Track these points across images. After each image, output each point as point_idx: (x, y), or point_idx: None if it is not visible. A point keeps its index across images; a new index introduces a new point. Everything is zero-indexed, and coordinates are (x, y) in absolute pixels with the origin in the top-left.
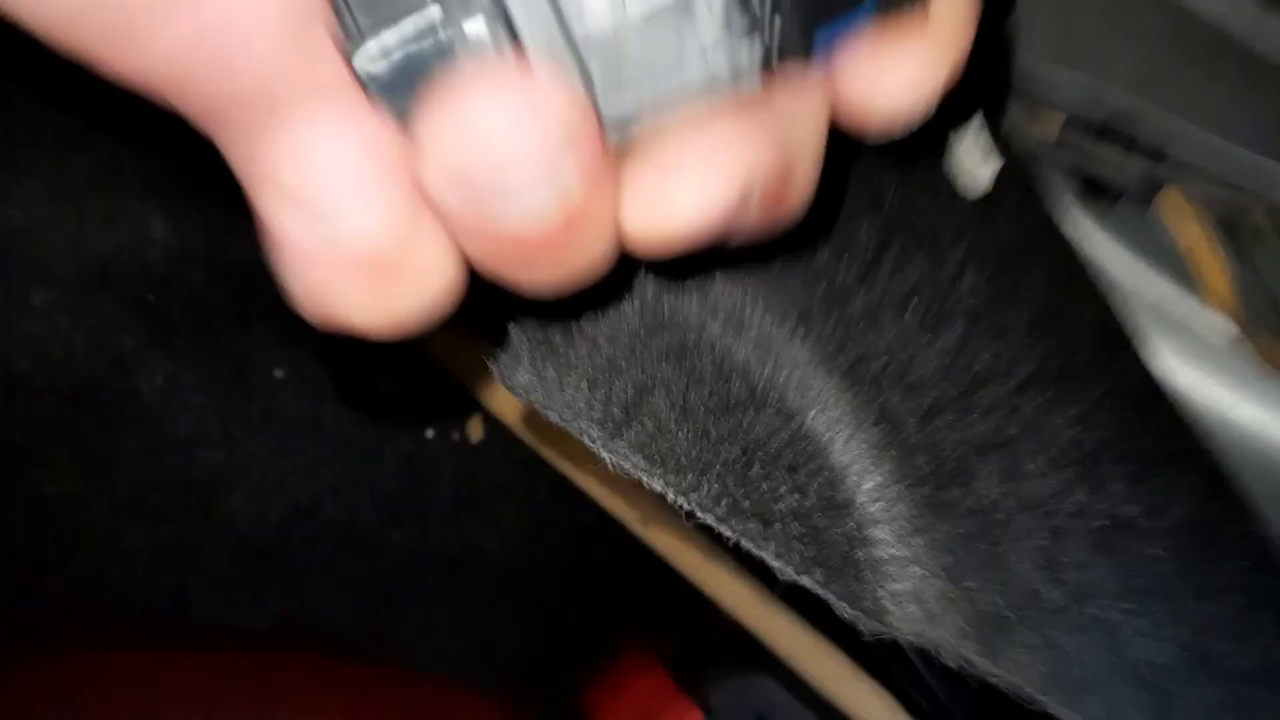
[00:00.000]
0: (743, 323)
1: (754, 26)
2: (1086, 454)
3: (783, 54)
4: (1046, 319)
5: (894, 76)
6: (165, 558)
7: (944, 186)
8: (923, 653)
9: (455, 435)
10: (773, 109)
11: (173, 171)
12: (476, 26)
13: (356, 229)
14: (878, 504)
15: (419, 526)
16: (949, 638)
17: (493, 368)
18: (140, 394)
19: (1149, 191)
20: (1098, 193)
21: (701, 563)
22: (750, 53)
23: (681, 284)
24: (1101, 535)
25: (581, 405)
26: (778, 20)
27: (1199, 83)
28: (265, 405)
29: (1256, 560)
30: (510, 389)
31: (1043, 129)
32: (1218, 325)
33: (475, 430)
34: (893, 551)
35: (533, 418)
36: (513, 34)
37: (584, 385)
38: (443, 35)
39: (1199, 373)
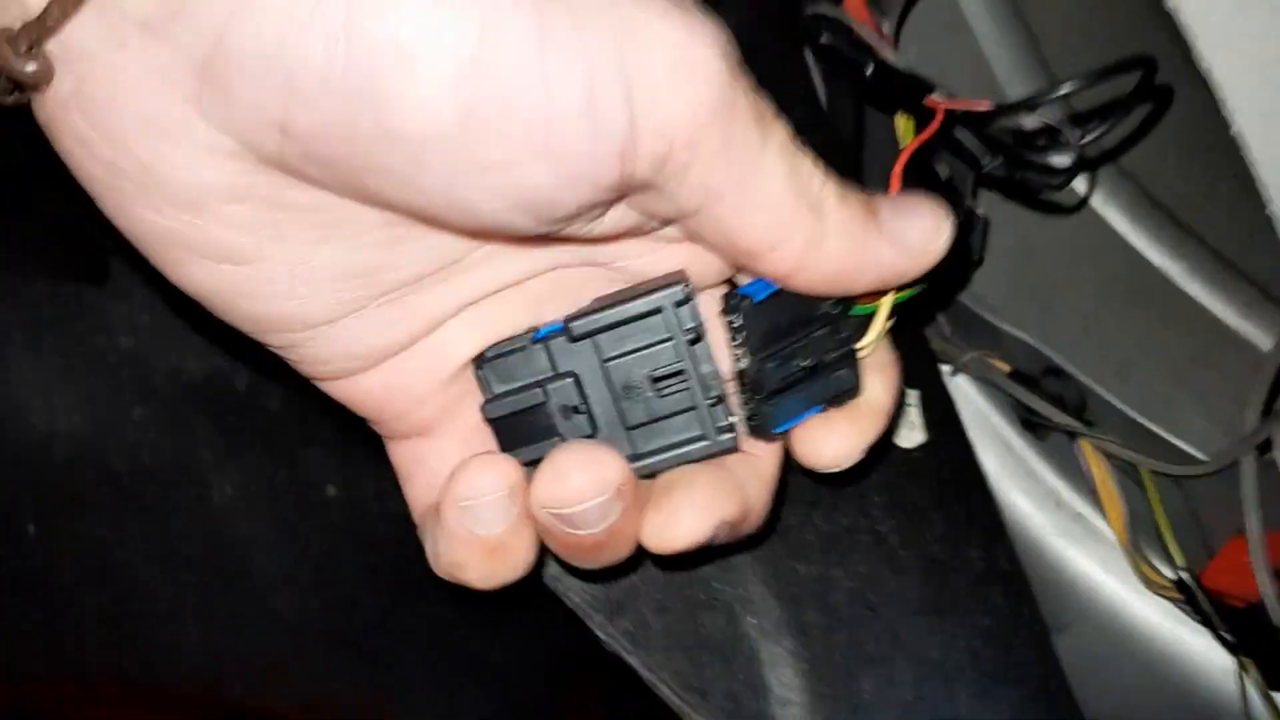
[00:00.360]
0: (712, 547)
1: (729, 413)
2: (945, 670)
3: (754, 433)
4: (935, 564)
5: (831, 446)
6: (213, 640)
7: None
8: None
9: None
10: (738, 477)
11: None
12: (563, 401)
13: (491, 529)
14: (786, 690)
15: (446, 634)
16: None
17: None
18: (212, 499)
19: (1071, 434)
20: (1034, 427)
21: None
22: (719, 419)
23: None
24: None
25: (589, 596)
26: (753, 407)
27: (1132, 323)
28: (318, 518)
29: None
30: (541, 576)
31: (993, 373)
32: (1116, 547)
33: None
34: None
35: None
36: (586, 403)
37: (594, 583)
38: (548, 415)
39: (1106, 576)
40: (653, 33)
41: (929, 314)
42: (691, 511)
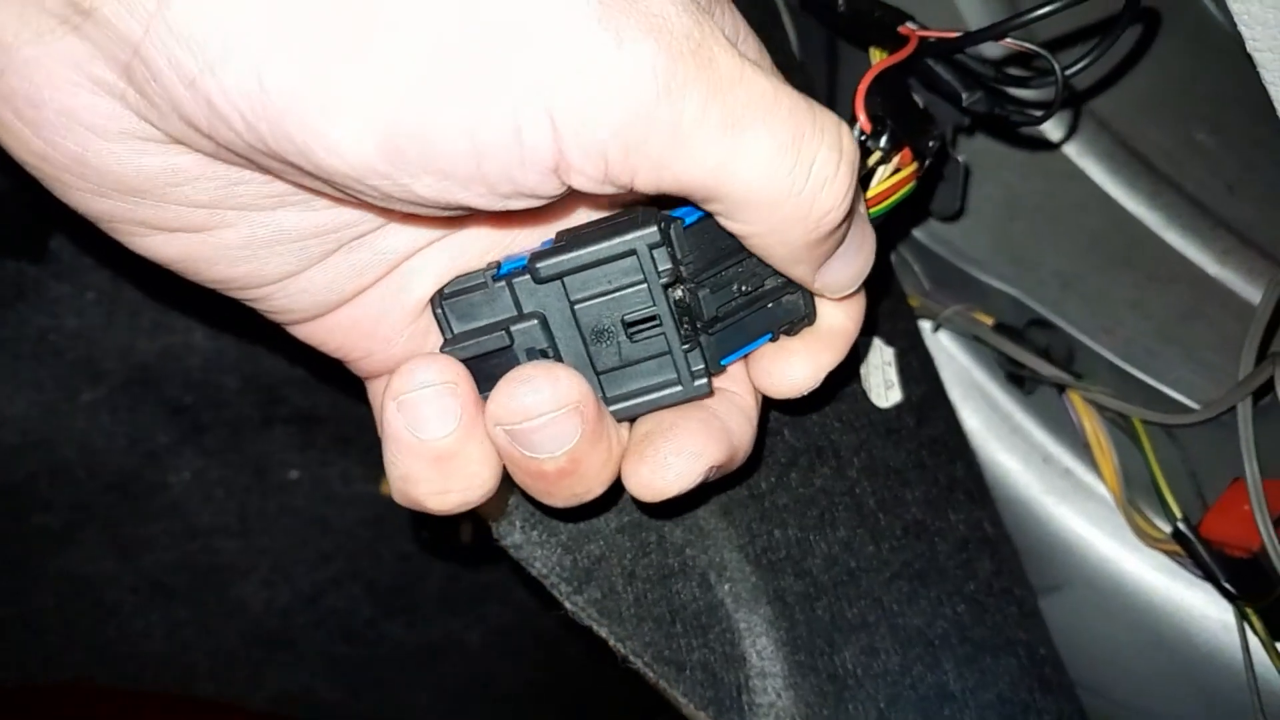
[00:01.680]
0: (683, 512)
1: (694, 344)
2: (929, 639)
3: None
4: (917, 528)
5: (787, 371)
6: (180, 635)
7: (859, 395)
8: None
9: (448, 536)
10: (722, 418)
11: (214, 291)
12: (529, 344)
13: (434, 431)
14: (763, 662)
15: (409, 619)
16: None
17: (493, 528)
18: (169, 486)
19: (1060, 387)
20: (1019, 381)
21: None
22: (694, 363)
23: None
24: (929, 704)
25: (554, 564)
26: (693, 340)
27: (1115, 278)
28: (280, 502)
29: None
30: (502, 545)
31: (977, 327)
32: (1110, 499)
33: (466, 532)
34: (769, 699)
35: None
36: (554, 348)
37: (559, 550)
38: (513, 358)
39: (1097, 532)
40: (576, 56)
41: (908, 269)
42: (680, 458)
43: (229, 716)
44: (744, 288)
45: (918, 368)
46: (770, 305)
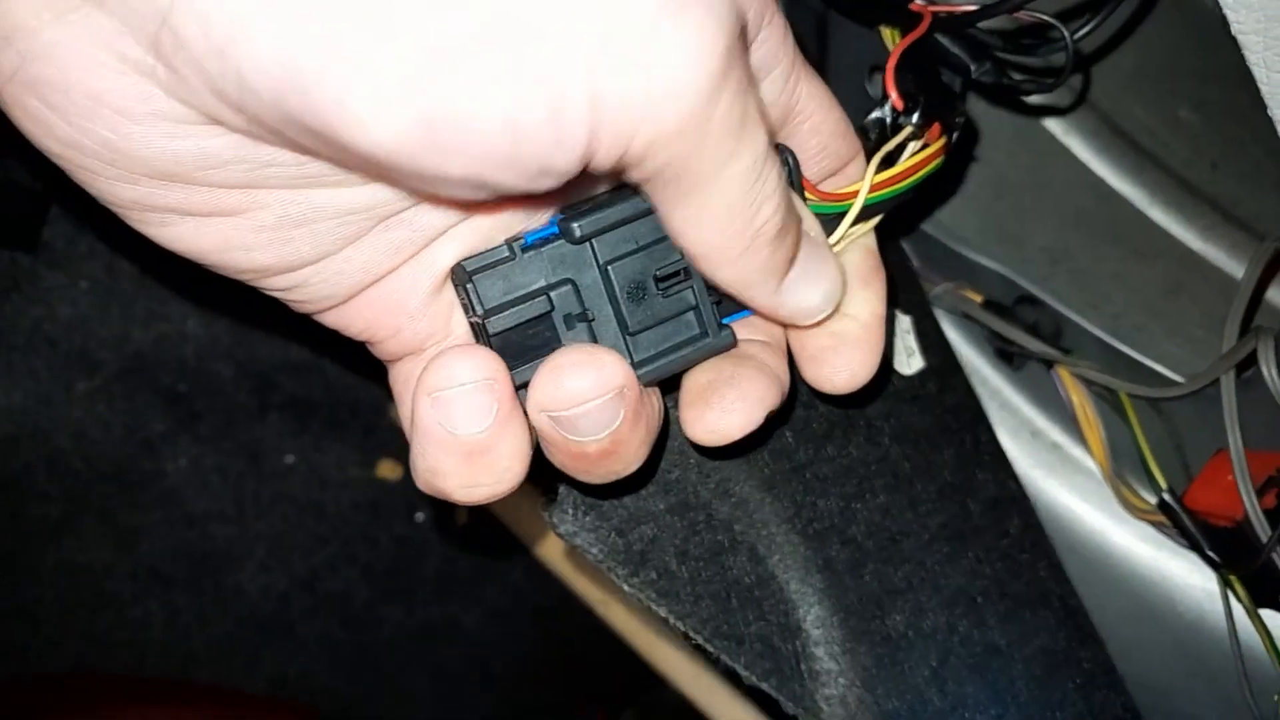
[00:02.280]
0: (728, 489)
1: (720, 296)
2: (971, 597)
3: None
4: (950, 490)
5: (844, 370)
6: (177, 622)
7: (883, 363)
8: None
9: (445, 518)
10: (770, 367)
11: (208, 278)
12: (566, 310)
13: (468, 428)
14: (819, 630)
15: (405, 601)
16: None
17: (545, 517)
18: (165, 474)
19: (1048, 363)
20: (1008, 357)
21: (654, 642)
22: (726, 325)
23: (686, 459)
24: (978, 659)
25: (609, 548)
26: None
27: (1102, 255)
28: (275, 488)
29: (1088, 680)
30: (559, 534)
31: (966, 304)
32: (1097, 472)
33: (462, 515)
34: (828, 666)
35: (509, 500)
36: (589, 311)
37: (613, 534)
38: (550, 326)
39: (1085, 504)
40: (630, 50)
41: (898, 247)
42: (745, 403)
43: (228, 701)
44: None
45: (933, 335)
46: None
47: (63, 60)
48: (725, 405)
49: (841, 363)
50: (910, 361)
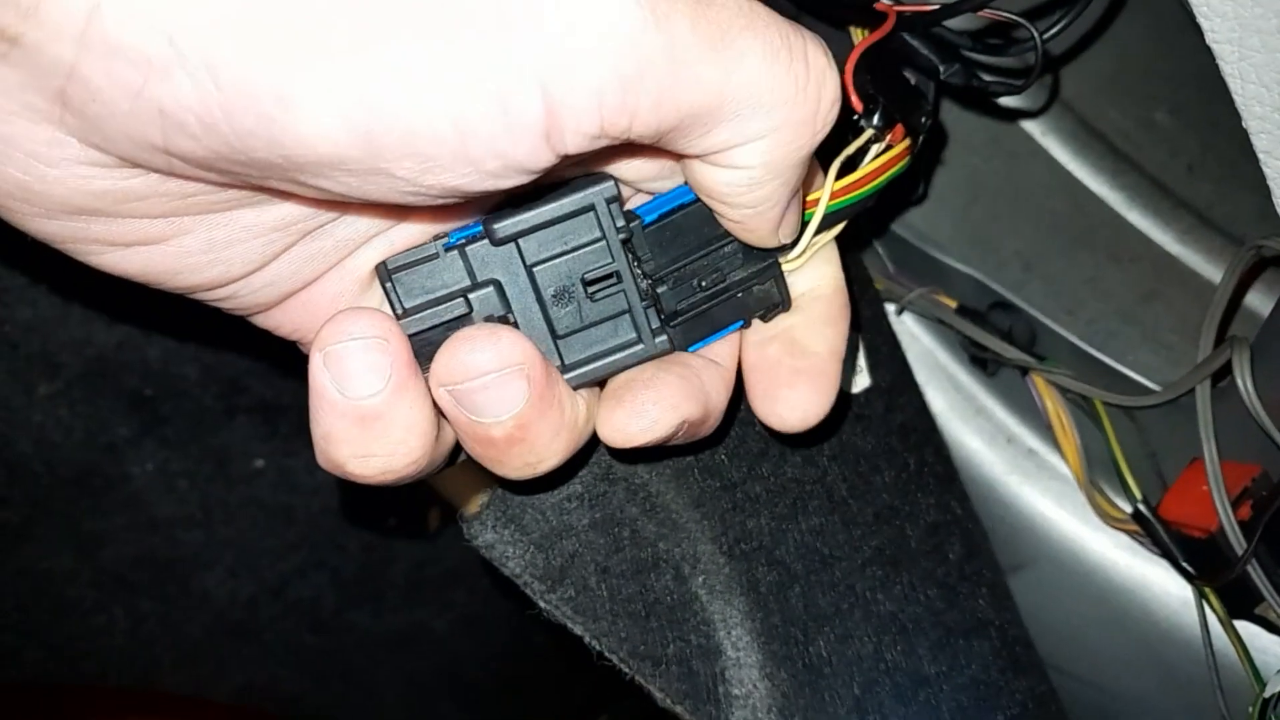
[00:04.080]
0: (655, 505)
1: (652, 301)
2: (902, 624)
3: (674, 347)
4: (888, 513)
5: (796, 408)
6: (142, 629)
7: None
8: None
9: (416, 523)
10: (700, 378)
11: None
12: (486, 312)
13: (360, 389)
14: (739, 653)
15: (375, 608)
16: None
17: (464, 527)
18: (130, 478)
19: (1023, 369)
20: (982, 364)
21: None
22: (653, 320)
23: (613, 474)
24: (904, 688)
25: (527, 563)
26: (661, 293)
27: (1077, 259)
28: (243, 493)
29: (1022, 712)
30: (475, 545)
31: (940, 310)
32: (1072, 479)
33: (434, 520)
34: (745, 690)
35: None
36: (511, 314)
37: (532, 548)
38: (469, 317)
39: (1060, 511)
40: (562, 15)
41: (872, 252)
42: (657, 407)
43: (195, 710)
44: (704, 282)
45: (885, 353)
46: (740, 294)
47: None
48: (637, 406)
49: (797, 398)
50: (857, 380)
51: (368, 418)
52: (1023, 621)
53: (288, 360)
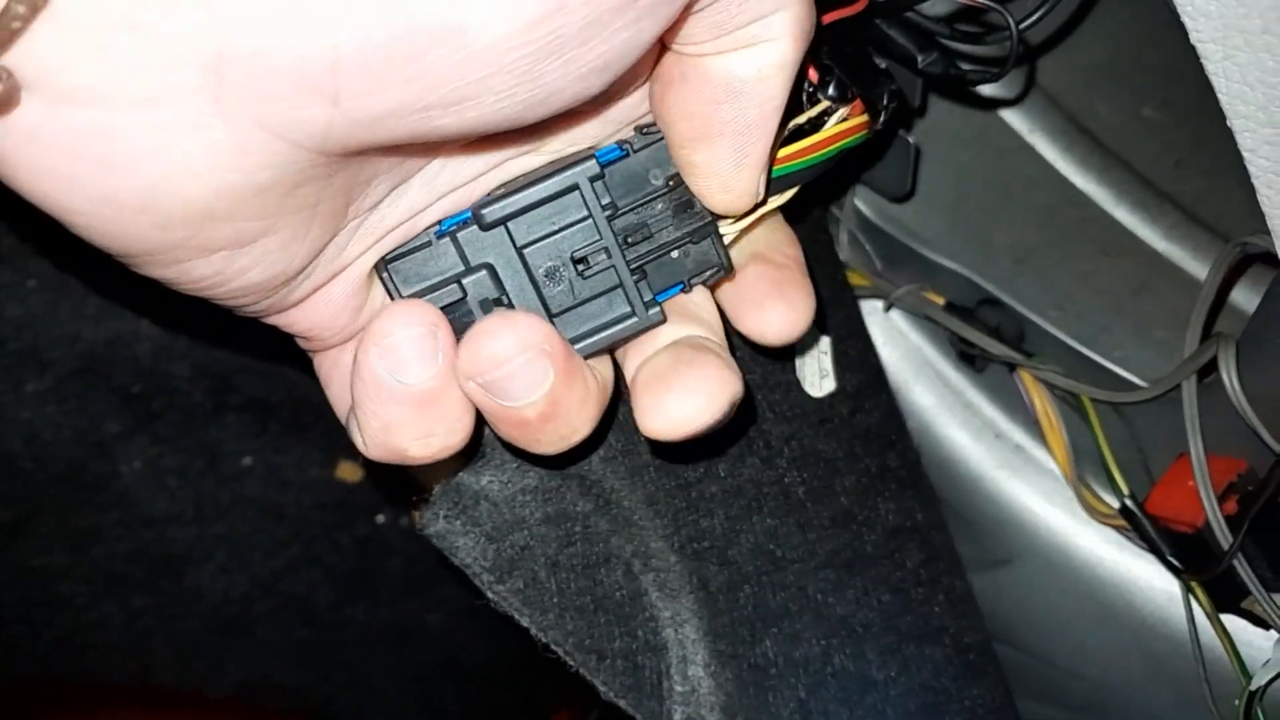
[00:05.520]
0: (608, 502)
1: (642, 275)
2: (853, 628)
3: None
4: (845, 517)
5: (776, 322)
6: (137, 625)
7: (793, 385)
8: None
9: (405, 519)
10: (728, 360)
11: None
12: (481, 295)
13: (418, 375)
14: (685, 650)
15: (370, 602)
16: None
17: (415, 517)
18: (120, 475)
19: (1011, 365)
20: (970, 360)
21: None
22: (645, 293)
23: (566, 471)
24: (850, 692)
25: (477, 554)
26: (643, 285)
27: (1065, 254)
28: (234, 489)
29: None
30: (426, 535)
31: (928, 307)
32: (1059, 475)
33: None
34: (689, 687)
35: None
36: (506, 296)
37: (483, 539)
38: (468, 311)
39: (1048, 506)
40: None
41: (860, 248)
42: (708, 385)
43: (193, 704)
44: (636, 240)
45: (855, 355)
46: (675, 255)
47: (107, 100)
48: (688, 386)
49: (785, 304)
50: (822, 383)
51: (427, 401)
52: (984, 629)
53: (277, 359)
